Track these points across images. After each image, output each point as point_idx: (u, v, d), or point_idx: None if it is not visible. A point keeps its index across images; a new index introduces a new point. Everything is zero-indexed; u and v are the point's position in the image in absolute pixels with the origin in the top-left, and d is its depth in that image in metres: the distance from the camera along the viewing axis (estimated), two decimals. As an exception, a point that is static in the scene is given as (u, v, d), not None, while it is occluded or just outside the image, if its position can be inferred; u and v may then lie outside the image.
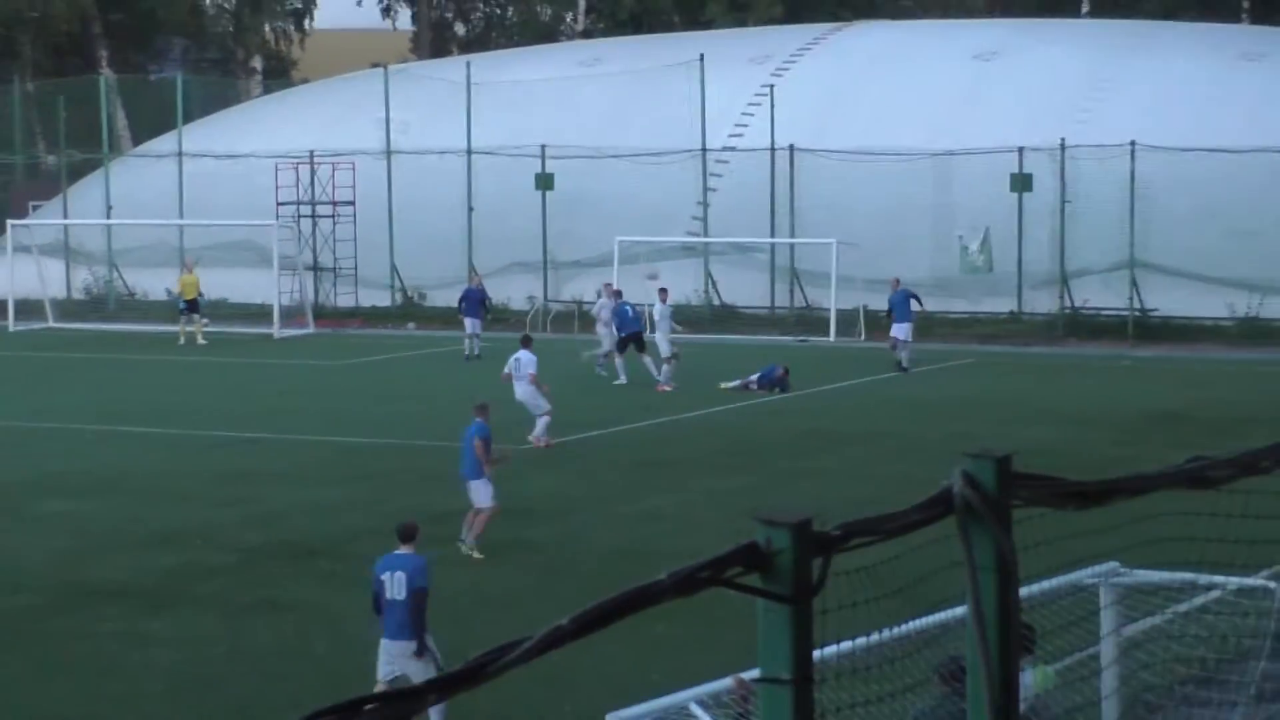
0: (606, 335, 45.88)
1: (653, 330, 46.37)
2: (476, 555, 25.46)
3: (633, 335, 44.77)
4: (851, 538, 3.87)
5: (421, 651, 18.05)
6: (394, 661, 18.24)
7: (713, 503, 29.06)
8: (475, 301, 51.09)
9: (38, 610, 23.49)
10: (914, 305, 48.13)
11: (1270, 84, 57.49)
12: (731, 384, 43.67)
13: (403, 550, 18.79)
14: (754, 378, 43.65)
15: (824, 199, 58.33)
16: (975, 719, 4.01)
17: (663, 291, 48.12)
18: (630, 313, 45.36)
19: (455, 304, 52.40)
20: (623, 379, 44.23)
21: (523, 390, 35.56)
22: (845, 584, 4.35)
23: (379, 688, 17.28)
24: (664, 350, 44.94)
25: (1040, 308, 56.66)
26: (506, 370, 35.94)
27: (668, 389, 42.94)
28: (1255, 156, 52.56)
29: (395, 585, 18.18)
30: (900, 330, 47.19)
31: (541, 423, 35.01)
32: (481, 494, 26.20)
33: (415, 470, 32.94)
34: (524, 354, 36.00)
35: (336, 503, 30.19)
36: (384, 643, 18.29)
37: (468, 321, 50.34)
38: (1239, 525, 6.80)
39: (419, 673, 17.49)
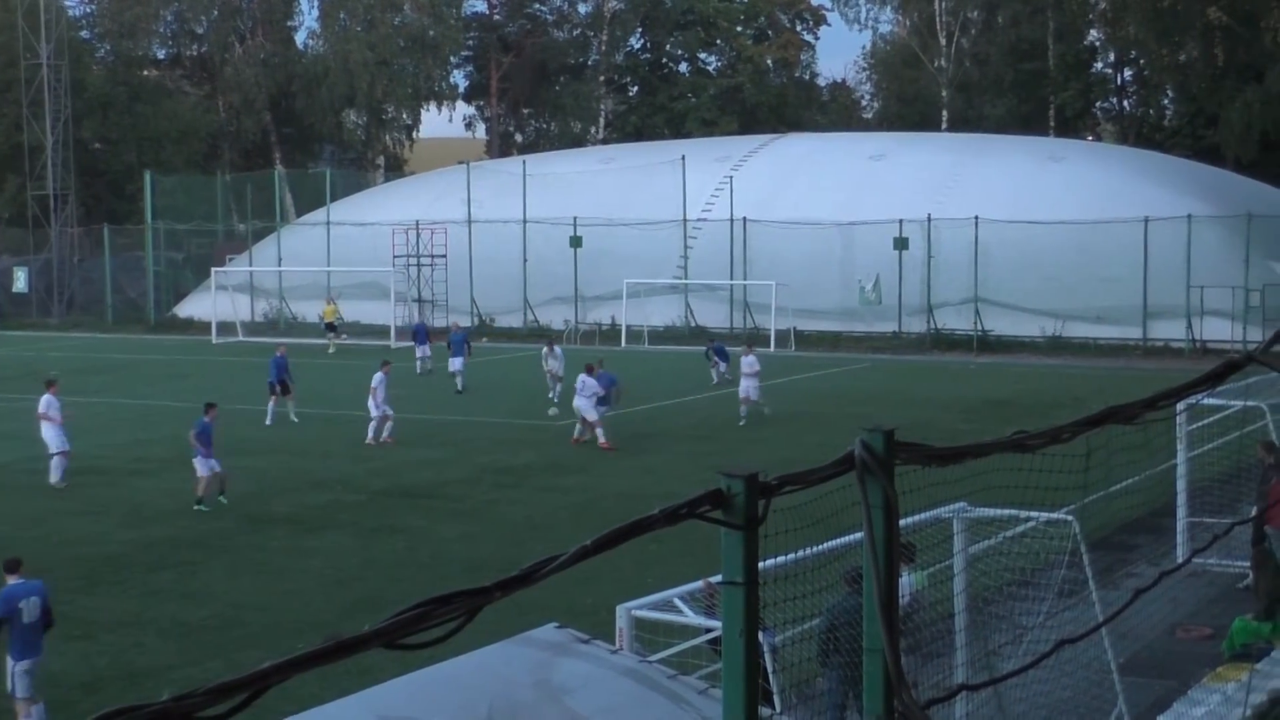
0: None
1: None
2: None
3: None
4: (784, 485, 3.86)
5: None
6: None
7: (689, 461, 29.08)
8: (423, 332, 49.07)
9: (231, 531, 23.51)
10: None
11: (1068, 178, 57.49)
12: (717, 380, 42.55)
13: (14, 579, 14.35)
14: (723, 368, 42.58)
15: (766, 254, 58.40)
16: (869, 609, 4.00)
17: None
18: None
19: (513, 327, 51.59)
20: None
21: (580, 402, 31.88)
22: (781, 517, 4.34)
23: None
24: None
25: (914, 329, 56.47)
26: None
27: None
28: (1057, 227, 52.71)
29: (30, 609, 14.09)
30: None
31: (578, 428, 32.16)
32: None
33: (487, 436, 32.94)
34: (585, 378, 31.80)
35: (434, 459, 30.19)
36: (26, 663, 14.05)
37: (421, 348, 47.89)
38: (1047, 477, 6.78)
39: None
